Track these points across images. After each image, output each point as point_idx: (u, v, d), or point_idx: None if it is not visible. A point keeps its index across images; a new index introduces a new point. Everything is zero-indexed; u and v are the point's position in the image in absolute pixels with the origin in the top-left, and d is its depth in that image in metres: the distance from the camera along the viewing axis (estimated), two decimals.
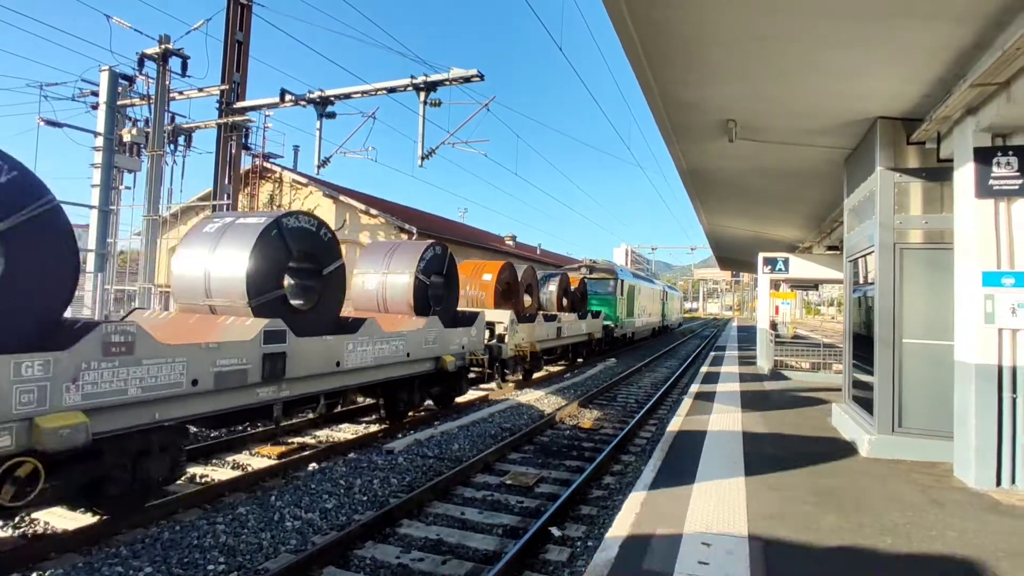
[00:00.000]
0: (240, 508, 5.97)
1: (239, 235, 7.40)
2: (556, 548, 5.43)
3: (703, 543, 4.39)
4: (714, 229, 19.41)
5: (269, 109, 17.53)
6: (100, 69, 16.30)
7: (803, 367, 15.56)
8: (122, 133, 16.57)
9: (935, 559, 4.26)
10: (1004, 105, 5.46)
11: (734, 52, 5.85)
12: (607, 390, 14.81)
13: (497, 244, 32.98)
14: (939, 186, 7.02)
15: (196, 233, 7.78)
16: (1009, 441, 5.84)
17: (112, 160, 16.01)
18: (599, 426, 10.84)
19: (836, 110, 7.17)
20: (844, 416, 8.41)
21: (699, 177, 11.68)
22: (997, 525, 4.93)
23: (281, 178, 23.41)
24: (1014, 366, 5.87)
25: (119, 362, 5.10)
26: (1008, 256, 5.95)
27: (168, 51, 15.78)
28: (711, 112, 7.69)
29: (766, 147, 8.83)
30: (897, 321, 7.08)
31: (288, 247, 7.67)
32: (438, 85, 14.74)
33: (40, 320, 4.94)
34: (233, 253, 7.24)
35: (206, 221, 8.02)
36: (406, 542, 5.50)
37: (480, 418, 10.59)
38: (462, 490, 7.01)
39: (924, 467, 6.58)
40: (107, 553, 4.96)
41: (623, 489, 7.04)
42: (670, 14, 5.16)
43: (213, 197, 17.22)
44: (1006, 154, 5.89)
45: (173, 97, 16.98)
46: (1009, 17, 4.67)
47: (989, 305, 5.91)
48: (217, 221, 7.87)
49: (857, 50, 5.52)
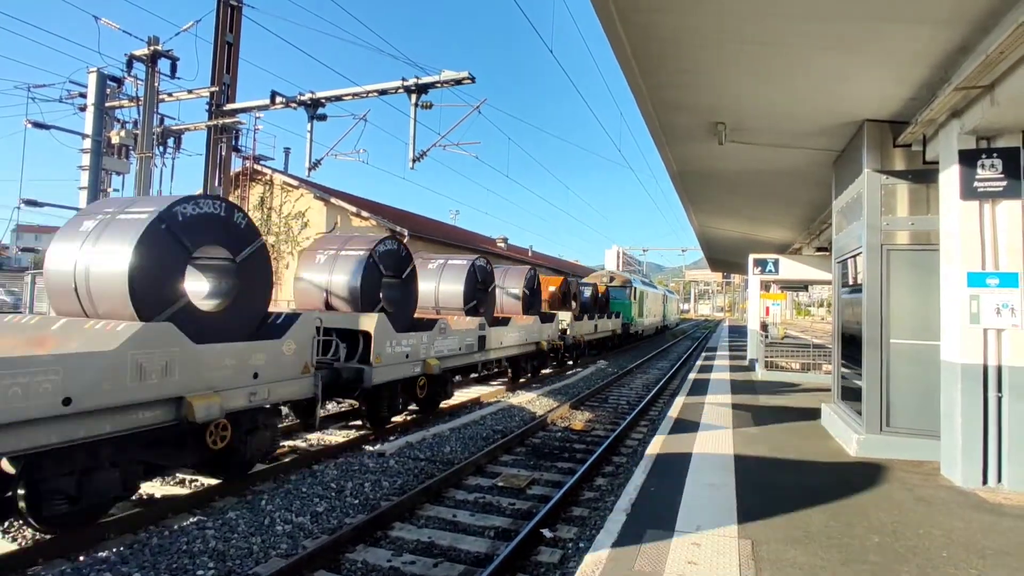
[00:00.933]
0: (230, 513, 5.94)
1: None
2: (548, 550, 5.44)
3: (693, 543, 4.42)
4: (705, 231, 19.51)
5: (259, 111, 17.43)
6: (88, 71, 16.15)
7: (793, 368, 15.66)
8: (110, 135, 16.42)
9: (922, 556, 4.29)
10: (988, 108, 5.53)
11: (722, 55, 5.90)
12: (599, 392, 14.84)
13: (489, 246, 32.97)
14: (925, 188, 7.10)
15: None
16: (995, 440, 5.91)
17: (100, 162, 15.87)
18: (590, 428, 10.86)
19: (824, 113, 7.24)
20: (833, 416, 8.47)
21: (689, 179, 11.75)
22: (983, 523, 4.98)
23: (272, 180, 23.31)
24: (999, 365, 5.94)
25: None
26: (993, 257, 6.03)
27: (157, 52, 15.67)
28: (700, 114, 7.74)
29: (755, 149, 8.90)
30: (884, 322, 7.14)
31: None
32: (429, 87, 14.70)
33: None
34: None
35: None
36: (398, 545, 5.49)
37: (472, 420, 10.58)
38: (454, 492, 7.00)
39: (912, 466, 6.64)
40: (95, 559, 4.92)
41: (615, 490, 7.06)
42: (658, 18, 5.20)
43: None
44: (990, 156, 5.97)
45: (162, 99, 16.85)
46: (993, 21, 4.74)
47: (974, 305, 5.98)
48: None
49: (843, 53, 5.58)
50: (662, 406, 13.08)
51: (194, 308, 6.43)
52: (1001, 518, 5.10)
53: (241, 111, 17.02)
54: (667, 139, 8.95)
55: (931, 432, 6.65)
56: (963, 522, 4.99)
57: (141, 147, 15.89)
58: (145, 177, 16.06)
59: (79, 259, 6.11)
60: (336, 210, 22.46)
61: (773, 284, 20.44)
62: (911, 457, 6.87)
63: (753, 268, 18.60)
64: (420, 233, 22.91)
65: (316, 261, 10.17)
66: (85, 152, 15.89)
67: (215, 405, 6.03)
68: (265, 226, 22.74)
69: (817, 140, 8.26)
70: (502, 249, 34.93)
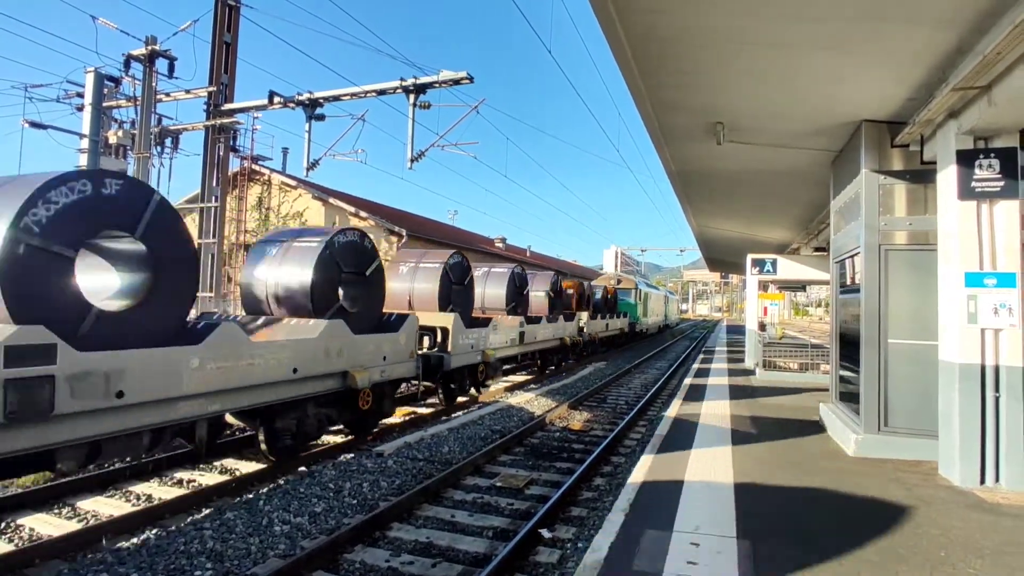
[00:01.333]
0: (228, 513, 5.92)
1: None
2: (546, 550, 5.43)
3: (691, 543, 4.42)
4: (703, 231, 19.53)
5: (257, 111, 17.39)
6: (85, 70, 16.10)
7: (792, 367, 15.67)
8: (108, 135, 16.38)
9: (920, 556, 4.30)
10: (986, 109, 5.54)
11: (721, 56, 5.90)
12: (597, 392, 14.84)
13: (487, 246, 32.97)
14: (923, 188, 7.11)
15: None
16: (992, 439, 5.92)
17: (98, 162, 15.82)
18: (589, 428, 10.86)
19: (822, 113, 7.25)
20: (832, 416, 8.48)
21: (688, 179, 11.76)
22: (981, 523, 4.99)
23: (270, 180, 23.28)
24: (996, 365, 5.95)
25: None
26: (991, 257, 6.04)
27: (155, 52, 15.63)
28: (699, 115, 7.75)
29: (754, 149, 8.91)
30: (882, 321, 7.15)
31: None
32: (428, 87, 14.68)
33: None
34: None
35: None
36: (396, 545, 5.48)
37: (470, 420, 10.58)
38: (452, 492, 6.99)
39: (910, 466, 6.65)
40: (92, 559, 4.91)
41: (613, 490, 7.06)
42: (656, 18, 5.20)
43: (201, 200, 17.06)
44: (988, 156, 5.98)
45: (160, 99, 16.81)
46: (990, 22, 4.75)
47: (972, 305, 5.99)
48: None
49: (841, 54, 5.58)
50: (660, 404, 13.09)
51: (345, 309, 8.82)
52: (999, 517, 5.11)
53: (239, 111, 16.98)
54: (665, 139, 8.96)
55: (929, 432, 6.66)
56: (961, 521, 5.00)
57: (139, 147, 15.86)
58: (143, 177, 16.02)
59: (269, 275, 8.59)
60: (334, 210, 22.44)
61: (771, 284, 20.47)
62: (909, 457, 6.88)
63: (751, 268, 18.60)
64: (419, 233, 22.89)
65: (400, 272, 12.85)
66: (83, 152, 15.85)
67: (365, 377, 8.57)
68: (263, 226, 22.71)
69: (815, 140, 8.27)
70: (500, 249, 34.92)
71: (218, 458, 8.05)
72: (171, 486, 6.98)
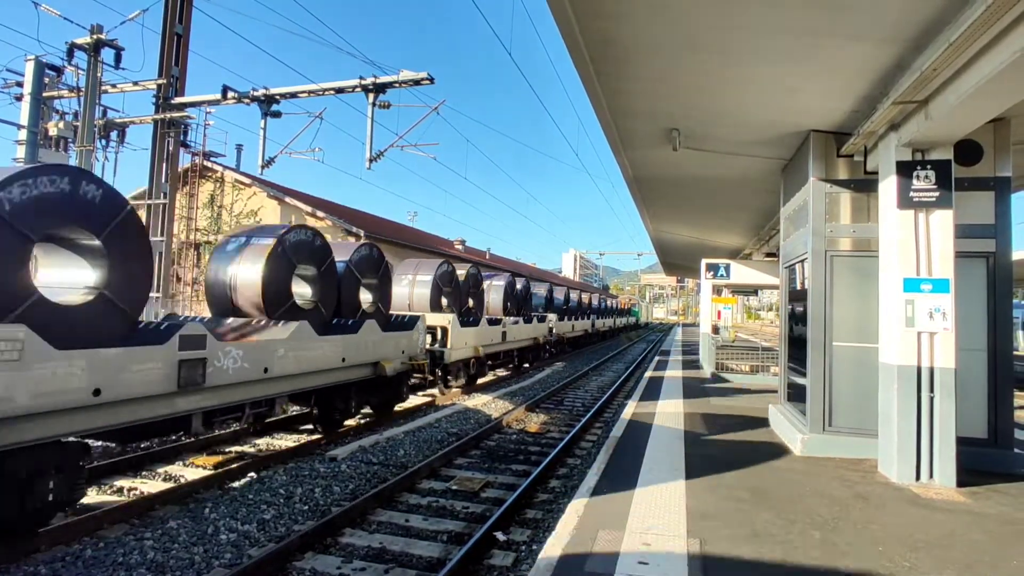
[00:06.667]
0: (171, 522, 5.70)
1: None
2: (501, 553, 5.41)
3: (643, 543, 4.47)
4: (660, 235, 19.90)
5: (210, 106, 16.87)
6: (26, 59, 15.31)
7: (743, 369, 16.10)
8: (48, 126, 15.62)
9: (859, 550, 4.46)
10: (923, 122, 5.82)
11: (677, 63, 6.03)
12: (554, 394, 14.92)
13: (446, 248, 32.78)
14: (866, 197, 7.41)
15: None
16: (927, 438, 6.21)
17: (36, 155, 15.06)
18: (546, 430, 10.90)
19: (773, 122, 7.48)
20: (780, 417, 8.74)
21: (645, 184, 11.95)
22: (915, 517, 5.22)
23: (223, 177, 22.60)
24: (932, 367, 6.24)
25: None
26: (927, 263, 6.33)
27: (100, 41, 14.98)
28: (656, 121, 7.88)
29: (708, 156, 9.12)
30: (828, 325, 7.41)
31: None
32: (388, 87, 14.53)
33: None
34: None
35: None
36: (348, 552, 5.37)
37: (426, 423, 10.48)
38: (407, 496, 6.90)
39: (851, 464, 6.91)
40: (25, 572, 4.64)
41: (568, 492, 7.09)
42: (615, 25, 5.27)
43: (148, 196, 16.42)
44: (925, 168, 6.28)
45: (105, 90, 16.13)
46: (926, 40, 4.99)
47: (909, 310, 6.27)
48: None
49: (789, 66, 5.77)
50: (616, 407, 13.24)
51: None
52: (933, 512, 5.35)
53: (190, 105, 16.45)
54: (624, 145, 9.09)
55: (870, 431, 6.93)
56: (898, 517, 5.22)
57: (81, 140, 15.17)
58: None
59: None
60: (291, 209, 21.93)
61: (725, 288, 21.01)
62: (851, 455, 7.15)
63: (705, 272, 19.03)
64: (377, 235, 22.57)
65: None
66: (20, 144, 15.05)
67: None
68: (215, 225, 22.03)
69: (766, 148, 8.52)
70: (460, 251, 34.78)
71: (163, 464, 7.75)
72: (111, 494, 6.68)
